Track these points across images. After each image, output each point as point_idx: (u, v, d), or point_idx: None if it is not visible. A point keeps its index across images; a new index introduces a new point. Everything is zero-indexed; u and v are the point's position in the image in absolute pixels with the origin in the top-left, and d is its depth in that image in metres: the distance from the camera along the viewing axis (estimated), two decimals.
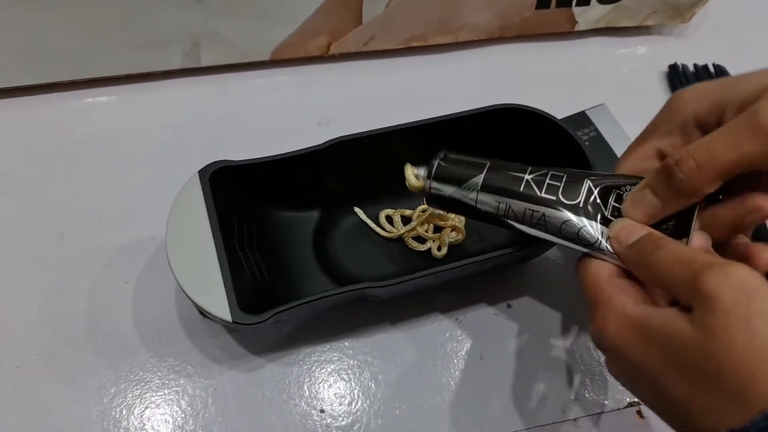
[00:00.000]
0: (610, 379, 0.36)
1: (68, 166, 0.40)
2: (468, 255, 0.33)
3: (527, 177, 0.29)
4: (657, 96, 0.48)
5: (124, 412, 0.32)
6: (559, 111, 0.38)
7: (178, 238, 0.30)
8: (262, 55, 0.45)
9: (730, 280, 0.20)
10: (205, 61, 0.44)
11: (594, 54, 0.50)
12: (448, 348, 0.36)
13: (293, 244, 0.36)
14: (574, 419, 0.34)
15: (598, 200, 0.27)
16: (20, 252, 0.37)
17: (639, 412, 0.35)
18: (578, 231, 0.27)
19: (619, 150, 0.39)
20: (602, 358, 0.36)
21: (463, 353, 0.36)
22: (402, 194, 0.38)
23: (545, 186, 0.28)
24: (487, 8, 0.46)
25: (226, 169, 0.31)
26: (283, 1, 0.42)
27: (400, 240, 0.38)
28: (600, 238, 0.26)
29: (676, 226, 0.26)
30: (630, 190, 0.27)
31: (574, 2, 0.47)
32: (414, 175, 0.32)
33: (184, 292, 0.29)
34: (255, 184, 0.33)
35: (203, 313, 0.34)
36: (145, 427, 0.32)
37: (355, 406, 0.34)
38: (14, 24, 0.39)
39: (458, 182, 0.30)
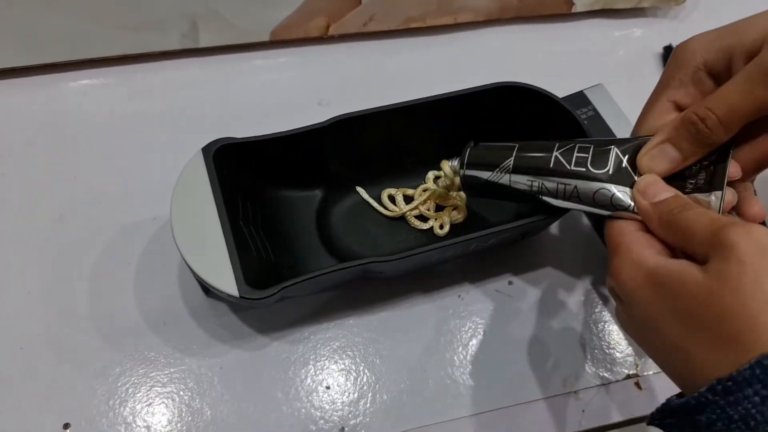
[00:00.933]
0: (610, 352, 0.37)
1: (67, 148, 0.40)
2: (470, 233, 0.33)
3: (555, 153, 0.30)
4: (653, 76, 0.48)
5: (131, 390, 0.32)
6: (558, 91, 0.39)
7: (183, 216, 0.30)
8: (261, 36, 0.44)
9: (751, 236, 0.21)
10: (204, 42, 0.43)
11: (591, 35, 0.51)
12: (450, 324, 0.36)
13: (297, 223, 0.36)
14: (575, 391, 0.35)
15: (627, 166, 0.28)
16: (20, 234, 0.37)
17: (637, 384, 0.36)
18: (611, 198, 0.28)
19: (616, 128, 0.40)
20: (603, 331, 0.37)
21: (466, 329, 0.36)
22: (404, 173, 0.39)
23: (574, 160, 0.29)
24: None
25: (229, 147, 0.31)
26: None
27: (402, 219, 0.38)
28: (632, 202, 0.27)
29: (707, 179, 0.27)
30: None
31: None
32: (450, 167, 0.34)
33: (190, 269, 0.29)
34: (258, 161, 0.33)
35: (207, 291, 0.34)
36: (152, 405, 0.32)
37: (360, 382, 0.34)
38: (11, 5, 0.38)
39: (491, 167, 0.32)
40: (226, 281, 0.28)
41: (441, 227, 0.38)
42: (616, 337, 0.37)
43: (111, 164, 0.40)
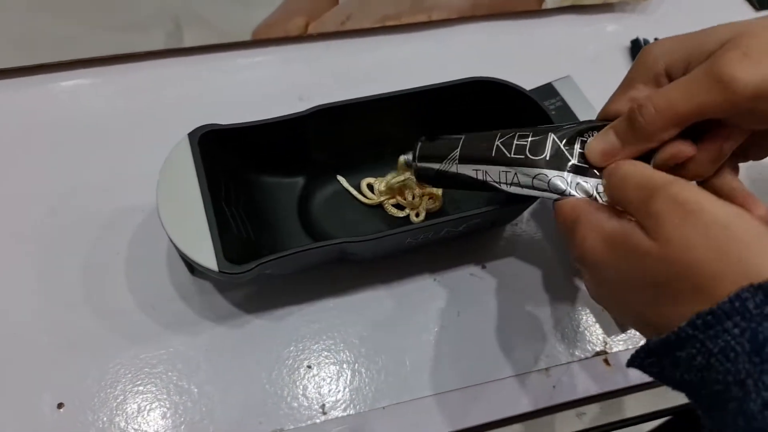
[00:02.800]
0: (579, 330, 0.38)
1: (57, 145, 0.42)
2: None
3: (497, 143, 0.31)
4: (620, 69, 0.50)
5: (121, 371, 0.34)
6: (528, 83, 0.41)
7: (168, 195, 0.31)
8: (243, 35, 0.46)
9: (672, 199, 0.22)
10: (188, 42, 0.45)
11: (561, 30, 0.53)
12: (426, 306, 0.38)
13: (279, 209, 0.38)
14: (546, 368, 0.37)
15: (564, 151, 0.30)
16: (12, 227, 0.38)
17: (606, 361, 0.38)
18: (548, 182, 0.29)
19: (583, 118, 0.42)
20: (573, 310, 0.39)
21: (441, 311, 0.38)
22: (382, 163, 0.41)
23: (513, 148, 0.31)
24: None
25: (214, 132, 0.33)
26: None
27: (380, 207, 0.40)
28: (568, 187, 0.29)
29: None
30: (594, 135, 0.29)
31: None
32: (404, 161, 0.36)
33: (174, 245, 0.31)
34: (242, 147, 0.35)
35: (193, 270, 0.36)
36: (142, 384, 0.34)
37: (339, 361, 0.36)
38: (2, 9, 0.40)
39: (439, 159, 0.33)
40: (207, 256, 0.29)
41: (417, 215, 0.40)
42: (585, 317, 0.39)
43: (100, 159, 0.41)
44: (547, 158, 0.29)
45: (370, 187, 0.40)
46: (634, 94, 0.30)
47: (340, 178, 0.40)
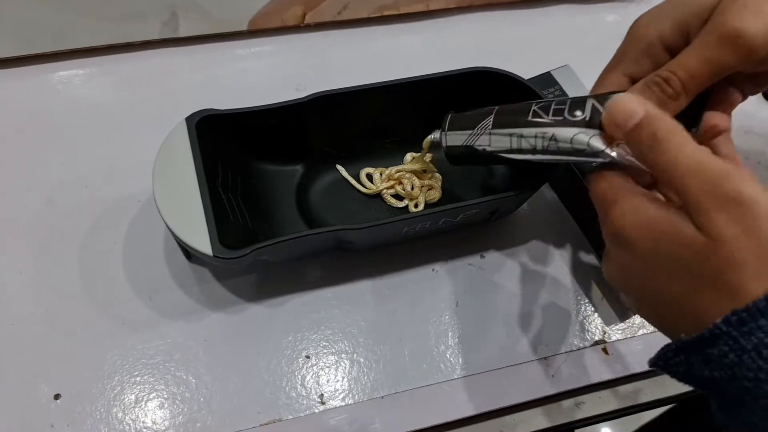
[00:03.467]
0: (578, 320, 0.38)
1: (54, 134, 0.41)
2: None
3: (533, 108, 0.30)
4: None
5: (119, 362, 0.34)
6: (527, 73, 0.40)
7: (165, 179, 0.31)
8: (240, 25, 0.46)
9: (732, 196, 0.21)
10: (184, 32, 0.45)
11: (560, 20, 0.52)
12: (425, 296, 0.38)
13: (277, 196, 0.37)
14: (545, 357, 0.37)
15: (604, 112, 0.28)
16: (10, 217, 0.38)
17: (605, 350, 0.38)
18: (588, 142, 0.27)
19: None
20: (572, 300, 0.39)
21: (439, 301, 0.38)
22: (382, 153, 0.41)
23: (551, 111, 0.30)
24: None
25: (212, 117, 0.33)
26: None
27: (379, 197, 0.40)
28: (606, 147, 0.27)
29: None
30: None
31: None
32: (432, 139, 0.36)
33: (170, 230, 0.30)
34: (240, 134, 0.35)
35: (189, 255, 0.36)
36: (140, 375, 0.34)
37: (338, 351, 0.36)
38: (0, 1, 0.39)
39: (470, 127, 0.33)
40: (202, 241, 0.29)
41: (416, 206, 0.40)
42: (584, 306, 0.39)
43: (96, 149, 0.41)
44: (587, 119, 0.28)
45: (369, 176, 0.40)
46: (628, 69, 0.30)
47: (339, 167, 0.40)
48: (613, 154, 0.27)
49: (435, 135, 0.36)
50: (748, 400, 0.21)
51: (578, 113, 0.29)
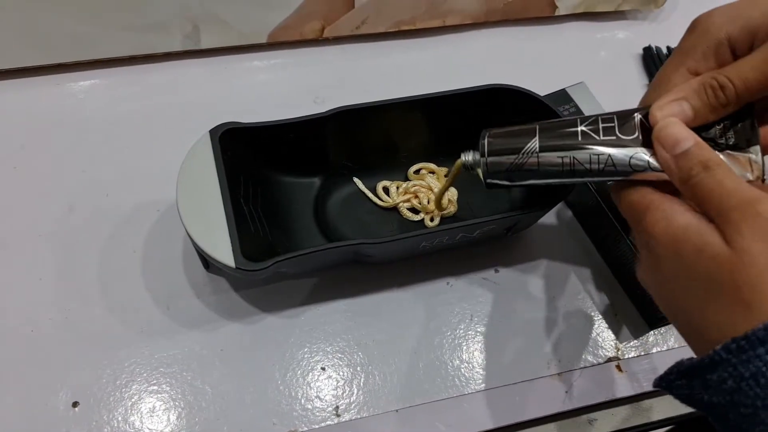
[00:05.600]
0: (592, 336, 0.38)
1: (76, 143, 0.42)
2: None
3: (581, 128, 0.29)
4: (632, 75, 0.51)
5: (137, 370, 0.34)
6: (542, 89, 0.41)
7: (188, 190, 0.32)
8: (260, 37, 0.46)
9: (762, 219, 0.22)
10: (205, 44, 0.45)
11: (574, 37, 0.53)
12: (440, 310, 0.38)
13: (295, 208, 0.38)
14: (559, 374, 0.37)
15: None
16: (32, 224, 0.38)
17: (618, 367, 0.38)
18: (648, 159, 0.27)
19: None
20: (586, 316, 0.39)
21: (454, 314, 0.38)
22: (398, 167, 0.41)
23: (601, 131, 0.29)
24: None
25: (235, 130, 0.33)
26: None
27: (395, 210, 0.40)
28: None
29: (736, 137, 0.27)
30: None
31: None
32: (465, 162, 0.34)
33: (192, 241, 0.31)
34: (261, 147, 0.35)
35: (208, 265, 0.36)
36: (157, 384, 0.34)
37: (353, 364, 0.36)
38: (22, 8, 0.40)
39: (515, 151, 0.31)
40: (224, 253, 0.30)
41: (432, 220, 0.40)
42: (597, 323, 0.39)
43: (117, 158, 0.42)
44: (639, 137, 0.28)
45: (386, 190, 0.41)
46: (694, 66, 0.28)
47: (356, 180, 0.40)
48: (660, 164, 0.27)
49: (467, 157, 0.34)
50: (746, 426, 0.21)
51: (629, 133, 0.28)
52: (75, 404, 0.33)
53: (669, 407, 0.39)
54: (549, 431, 0.37)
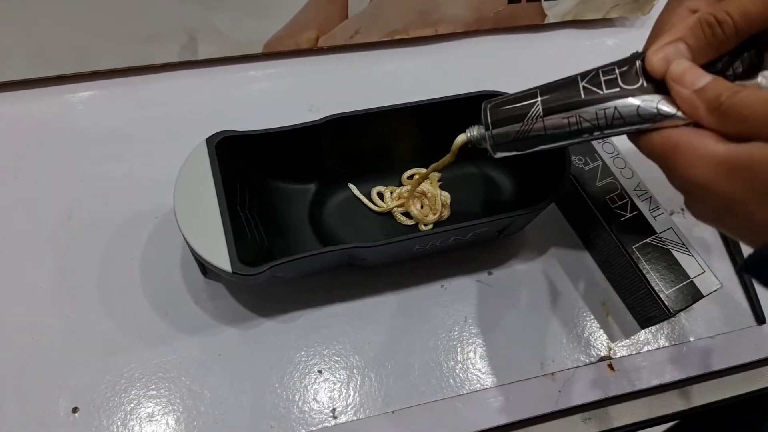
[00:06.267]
0: (585, 336, 0.39)
1: (75, 153, 0.43)
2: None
3: (582, 84, 0.28)
4: None
5: (136, 375, 0.35)
6: None
7: (185, 198, 0.32)
8: (255, 47, 0.47)
9: None
10: (202, 54, 0.46)
11: (563, 44, 0.54)
12: (434, 312, 0.39)
13: (291, 213, 0.39)
14: (552, 373, 0.38)
15: None
16: (31, 232, 0.39)
17: (610, 366, 0.39)
18: (657, 108, 0.26)
19: None
20: (578, 316, 0.40)
21: (448, 316, 0.39)
22: (392, 173, 0.42)
23: (603, 84, 0.28)
24: (463, 2, 0.50)
25: (231, 138, 0.34)
26: None
27: (390, 215, 0.41)
28: (675, 110, 0.26)
29: (744, 66, 0.26)
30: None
31: None
32: (469, 137, 0.33)
33: (189, 247, 0.31)
34: (257, 154, 0.36)
35: (206, 271, 0.37)
36: (156, 389, 0.34)
37: (349, 366, 0.36)
38: (21, 20, 0.41)
39: (519, 119, 0.30)
40: (221, 258, 0.30)
41: (425, 225, 0.41)
42: (589, 323, 0.40)
43: (115, 167, 0.42)
44: (645, 85, 0.27)
45: (380, 195, 0.41)
46: (694, 4, 0.28)
47: (351, 185, 0.41)
48: (680, 113, 0.26)
49: (471, 133, 0.33)
50: None
51: (633, 82, 0.27)
52: (75, 410, 0.33)
53: (662, 406, 0.39)
54: (543, 431, 0.37)
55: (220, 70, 0.48)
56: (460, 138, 0.34)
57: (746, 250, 0.44)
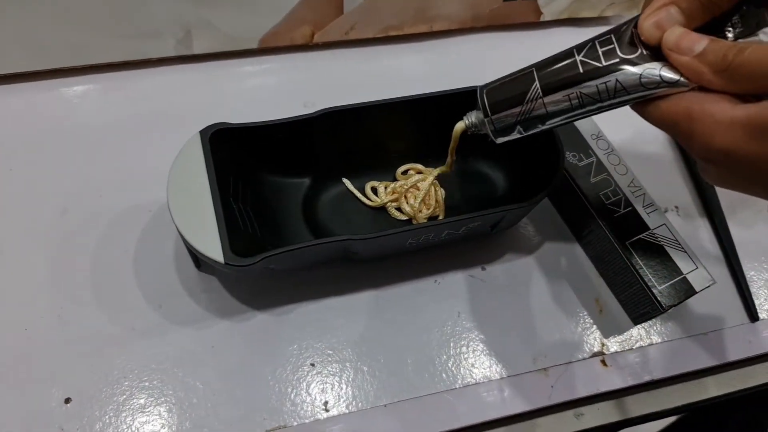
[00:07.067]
0: (577, 331, 0.39)
1: (70, 147, 0.43)
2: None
3: (579, 58, 0.27)
4: None
5: (128, 367, 0.35)
6: None
7: (178, 189, 0.32)
8: (251, 43, 0.47)
9: None
10: (198, 49, 0.46)
11: (559, 42, 0.53)
12: (427, 307, 0.39)
13: (285, 207, 0.39)
14: (545, 368, 0.38)
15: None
16: (25, 225, 0.39)
17: (603, 361, 0.39)
18: (659, 74, 0.25)
19: (582, 126, 0.43)
20: (571, 312, 0.40)
21: (441, 311, 0.39)
22: (386, 168, 0.42)
23: (601, 56, 0.27)
24: (459, 0, 0.50)
25: (225, 131, 0.34)
26: None
27: (384, 210, 0.41)
28: (676, 74, 0.25)
29: (743, 25, 0.25)
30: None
31: None
32: (468, 124, 0.32)
33: (182, 238, 0.32)
34: (251, 147, 0.36)
35: (199, 264, 0.37)
36: (149, 381, 0.34)
37: (342, 360, 0.36)
38: (17, 14, 0.41)
39: (518, 101, 0.29)
40: (214, 249, 0.30)
41: (418, 221, 0.41)
42: (582, 318, 0.40)
43: (110, 161, 0.42)
44: (644, 53, 0.26)
45: (374, 189, 0.41)
46: None
47: (345, 180, 0.41)
48: (684, 80, 0.25)
49: (469, 120, 0.32)
50: None
51: (631, 51, 0.26)
52: (67, 400, 0.33)
53: (655, 402, 0.39)
54: (536, 426, 0.37)
55: (216, 65, 0.48)
56: (459, 126, 0.33)
57: (741, 249, 0.44)
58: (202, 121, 0.36)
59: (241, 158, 0.36)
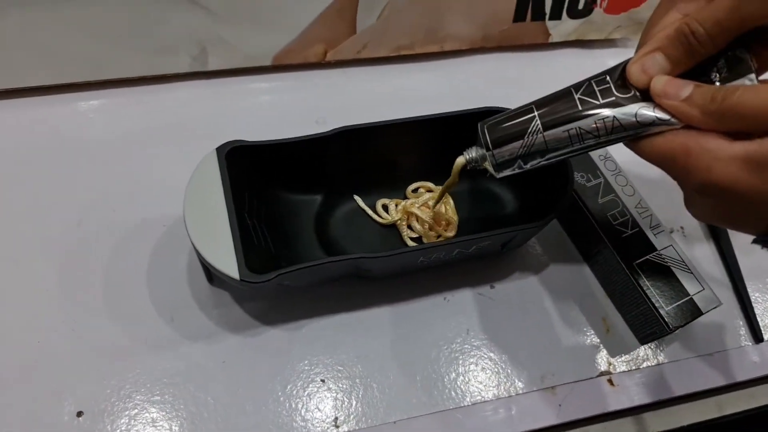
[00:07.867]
0: (585, 351, 0.39)
1: (85, 160, 0.43)
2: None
3: (577, 96, 0.29)
4: None
5: (140, 380, 0.35)
6: None
7: (195, 205, 0.33)
8: (264, 60, 0.48)
9: None
10: (212, 65, 0.47)
11: (567, 63, 0.55)
12: (436, 324, 0.39)
13: (298, 223, 0.39)
14: (552, 387, 0.38)
15: None
16: (40, 237, 0.39)
17: (610, 381, 0.39)
18: (654, 114, 0.27)
19: None
20: (579, 331, 0.40)
21: (450, 328, 0.39)
22: (397, 185, 0.42)
23: (598, 94, 0.28)
24: (469, 21, 0.51)
25: (241, 148, 0.35)
26: (283, 11, 0.46)
27: (394, 227, 0.42)
28: (671, 116, 0.26)
29: (728, 70, 0.26)
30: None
31: (547, 16, 0.52)
32: (468, 159, 0.33)
33: (197, 253, 0.32)
34: (266, 164, 0.37)
35: (211, 278, 0.37)
36: (160, 394, 0.35)
37: (352, 376, 0.37)
38: (38, 29, 0.42)
39: (519, 136, 0.30)
40: (229, 265, 0.31)
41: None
42: (590, 337, 0.40)
43: (125, 174, 0.43)
44: (637, 94, 0.27)
45: (385, 207, 0.42)
46: (685, 8, 0.28)
47: (356, 197, 0.42)
48: (675, 121, 0.26)
49: (470, 155, 0.33)
50: None
51: (626, 90, 0.28)
52: (79, 414, 0.34)
53: (662, 421, 0.39)
54: None
55: (230, 82, 0.48)
56: (459, 161, 0.34)
57: (746, 270, 0.44)
58: (216, 136, 0.37)
59: (255, 175, 0.37)
